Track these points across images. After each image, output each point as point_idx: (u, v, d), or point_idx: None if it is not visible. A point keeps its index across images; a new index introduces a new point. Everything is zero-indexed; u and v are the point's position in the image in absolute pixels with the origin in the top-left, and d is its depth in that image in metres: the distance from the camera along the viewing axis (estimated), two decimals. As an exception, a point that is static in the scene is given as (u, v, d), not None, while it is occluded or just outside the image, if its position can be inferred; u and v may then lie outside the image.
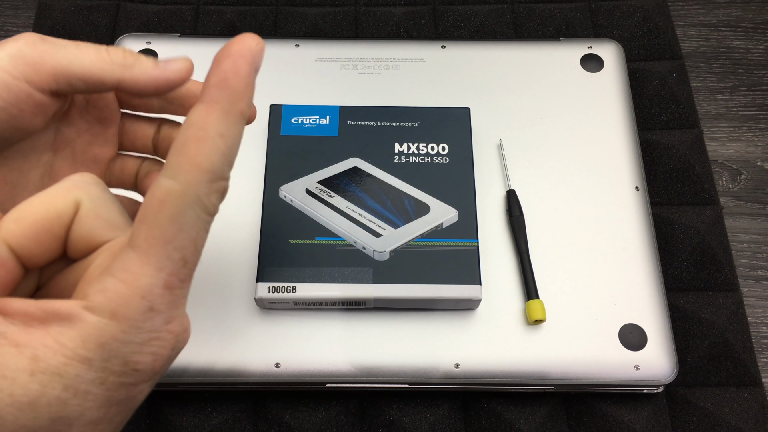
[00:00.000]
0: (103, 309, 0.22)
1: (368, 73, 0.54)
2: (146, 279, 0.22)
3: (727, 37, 0.62)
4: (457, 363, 0.44)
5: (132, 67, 0.30)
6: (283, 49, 0.55)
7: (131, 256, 0.22)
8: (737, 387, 0.47)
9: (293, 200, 0.47)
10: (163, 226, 0.22)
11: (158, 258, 0.22)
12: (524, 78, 0.54)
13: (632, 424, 0.46)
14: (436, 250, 0.45)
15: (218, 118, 0.22)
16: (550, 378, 0.44)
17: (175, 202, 0.22)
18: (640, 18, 0.60)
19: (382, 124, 0.50)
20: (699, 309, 0.49)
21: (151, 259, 0.22)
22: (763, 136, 0.57)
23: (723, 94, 0.59)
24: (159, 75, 0.30)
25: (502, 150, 0.51)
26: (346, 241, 0.45)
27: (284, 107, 0.50)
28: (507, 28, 0.60)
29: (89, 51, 0.29)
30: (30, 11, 0.61)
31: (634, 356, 0.45)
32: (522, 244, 0.48)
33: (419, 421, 0.45)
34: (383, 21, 0.60)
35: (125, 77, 0.29)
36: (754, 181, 0.56)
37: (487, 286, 0.46)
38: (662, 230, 0.52)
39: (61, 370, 0.21)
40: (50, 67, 0.28)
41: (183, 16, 0.60)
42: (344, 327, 0.45)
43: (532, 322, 0.45)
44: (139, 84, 0.30)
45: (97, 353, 0.21)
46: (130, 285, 0.22)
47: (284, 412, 0.46)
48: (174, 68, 0.30)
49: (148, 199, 0.22)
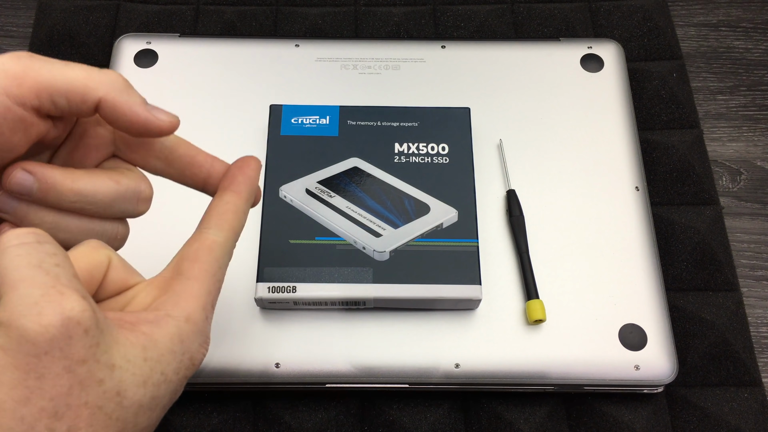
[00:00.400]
0: (180, 315, 0.29)
1: (368, 73, 0.54)
2: (203, 298, 0.30)
3: (727, 37, 0.62)
4: (457, 363, 0.44)
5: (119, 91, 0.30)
6: (283, 49, 0.55)
7: (190, 283, 0.30)
8: (737, 387, 0.47)
9: (293, 200, 0.47)
10: (212, 264, 0.31)
11: (208, 285, 0.31)
12: (524, 78, 0.54)
13: (632, 424, 0.46)
14: (436, 250, 0.45)
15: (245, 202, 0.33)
16: (550, 378, 0.44)
17: (220, 249, 0.32)
18: (640, 18, 0.60)
19: (382, 124, 0.50)
20: (699, 309, 0.49)
21: (204, 285, 0.30)
22: (763, 136, 0.57)
23: (723, 94, 0.59)
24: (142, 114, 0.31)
25: (502, 150, 0.51)
26: (346, 241, 0.45)
27: (284, 107, 0.50)
28: (507, 28, 0.60)
29: (76, 68, 0.30)
30: (30, 11, 0.61)
31: (634, 356, 0.45)
32: (522, 244, 0.48)
33: (419, 421, 0.45)
34: (383, 21, 0.60)
35: (108, 97, 0.30)
36: (754, 181, 0.56)
37: (487, 286, 0.46)
38: (662, 230, 0.52)
39: (161, 359, 0.28)
40: (32, 81, 0.29)
41: (183, 16, 0.60)
42: (344, 327, 0.45)
43: (532, 322, 0.45)
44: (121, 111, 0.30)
45: (179, 347, 0.28)
46: (195, 300, 0.30)
47: (284, 412, 0.46)
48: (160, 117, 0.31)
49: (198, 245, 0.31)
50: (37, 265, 0.25)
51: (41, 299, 0.25)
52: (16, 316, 0.24)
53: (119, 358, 0.26)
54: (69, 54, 0.58)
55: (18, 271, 0.25)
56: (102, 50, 0.58)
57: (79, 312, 0.25)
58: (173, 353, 0.28)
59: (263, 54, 0.55)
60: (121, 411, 0.26)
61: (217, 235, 0.32)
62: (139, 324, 0.28)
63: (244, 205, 0.33)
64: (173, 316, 0.29)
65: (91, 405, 0.25)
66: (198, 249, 0.31)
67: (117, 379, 0.26)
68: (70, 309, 0.25)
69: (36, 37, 0.58)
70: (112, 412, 0.26)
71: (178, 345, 0.28)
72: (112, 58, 0.55)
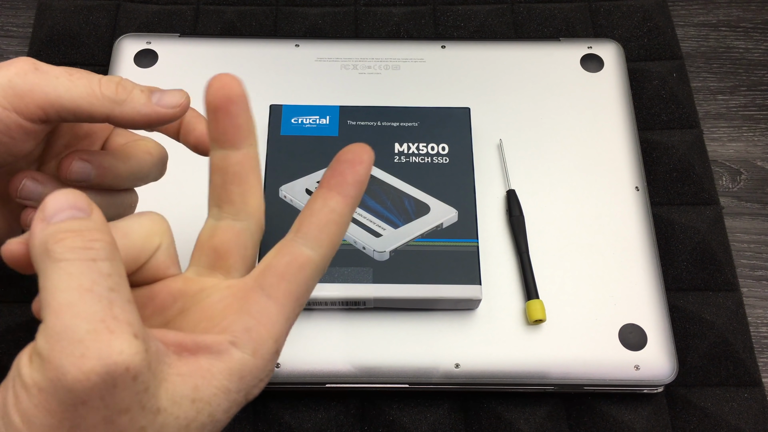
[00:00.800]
0: (247, 346, 0.25)
1: (368, 73, 0.54)
2: (279, 327, 0.25)
3: (727, 37, 0.62)
4: (457, 363, 0.44)
5: (123, 103, 0.30)
6: (283, 49, 0.55)
7: (270, 304, 0.25)
8: (737, 387, 0.47)
9: (293, 200, 0.47)
10: (300, 286, 0.26)
11: (290, 310, 0.26)
12: (524, 78, 0.54)
13: (632, 424, 0.46)
14: (436, 250, 0.45)
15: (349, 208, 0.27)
16: (550, 378, 0.44)
17: (313, 269, 0.26)
18: (640, 18, 0.60)
19: (382, 124, 0.50)
20: (699, 309, 0.49)
21: (285, 310, 0.26)
22: (763, 136, 0.57)
23: (723, 94, 0.59)
24: (150, 112, 0.31)
25: (502, 150, 0.51)
26: (346, 241, 0.45)
27: (284, 107, 0.50)
28: (507, 28, 0.60)
29: (81, 83, 0.30)
30: (30, 11, 0.61)
31: (634, 356, 0.45)
32: (522, 244, 0.48)
33: (419, 421, 0.45)
34: (383, 21, 0.60)
35: (115, 113, 0.30)
36: (754, 181, 0.56)
37: (487, 286, 0.46)
38: (662, 230, 0.52)
39: (211, 400, 0.24)
40: (39, 99, 0.29)
41: (183, 16, 0.60)
42: (344, 327, 0.45)
43: (532, 322, 0.45)
44: (129, 120, 0.31)
45: (236, 385, 0.25)
46: (268, 329, 0.25)
47: (284, 412, 0.46)
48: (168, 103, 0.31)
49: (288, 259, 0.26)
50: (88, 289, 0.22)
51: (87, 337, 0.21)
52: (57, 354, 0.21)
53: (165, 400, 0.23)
54: (69, 54, 0.58)
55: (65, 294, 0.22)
56: (102, 50, 0.58)
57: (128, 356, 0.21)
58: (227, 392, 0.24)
59: (263, 54, 0.55)
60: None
61: (313, 251, 0.26)
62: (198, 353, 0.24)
63: (350, 212, 0.27)
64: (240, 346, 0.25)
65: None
66: (289, 264, 0.26)
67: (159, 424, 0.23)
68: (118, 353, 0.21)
69: (36, 37, 0.58)
70: None
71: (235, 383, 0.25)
72: (112, 58, 0.55)
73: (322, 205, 0.26)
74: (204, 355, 0.24)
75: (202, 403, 0.24)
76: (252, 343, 0.25)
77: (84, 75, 0.30)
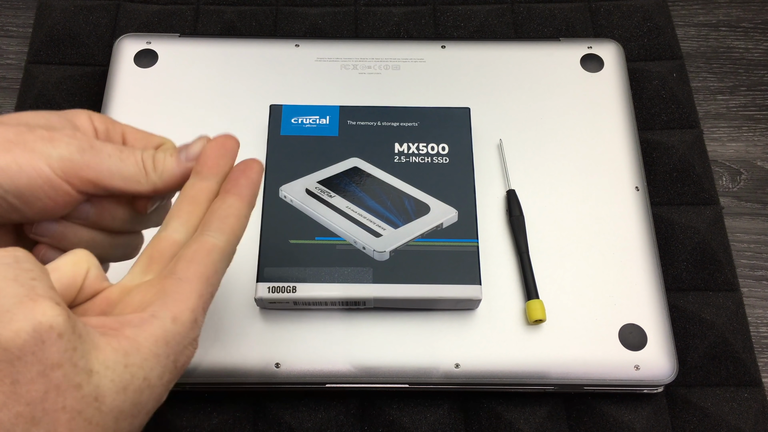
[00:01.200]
0: (165, 316, 0.28)
1: (368, 73, 0.54)
2: (192, 300, 0.29)
3: (727, 37, 0.62)
4: (457, 363, 0.44)
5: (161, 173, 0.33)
6: (283, 49, 0.55)
7: (182, 284, 0.29)
8: (737, 387, 0.47)
9: (293, 200, 0.47)
10: (208, 267, 0.30)
11: (200, 288, 0.30)
12: (524, 78, 0.54)
13: (632, 424, 0.46)
14: (436, 250, 0.45)
15: (248, 206, 0.32)
16: (550, 378, 0.44)
17: (219, 254, 0.31)
18: (640, 18, 0.60)
19: (382, 124, 0.50)
20: (699, 309, 0.49)
21: (196, 287, 0.29)
22: (763, 136, 0.57)
23: (723, 94, 0.59)
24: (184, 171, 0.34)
25: (502, 150, 0.51)
26: (346, 241, 0.45)
27: (284, 107, 0.50)
28: (507, 28, 0.60)
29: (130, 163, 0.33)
30: (30, 11, 0.61)
31: (634, 356, 0.45)
32: (522, 244, 0.48)
33: (419, 421, 0.45)
34: (383, 21, 0.60)
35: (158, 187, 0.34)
36: (754, 181, 0.56)
37: (487, 286, 0.46)
38: (662, 230, 0.52)
39: (143, 364, 0.27)
40: (93, 177, 0.32)
41: (183, 16, 0.60)
42: (344, 327, 0.45)
43: (532, 322, 0.45)
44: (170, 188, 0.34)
45: (163, 350, 0.28)
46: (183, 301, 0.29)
47: (284, 412, 0.46)
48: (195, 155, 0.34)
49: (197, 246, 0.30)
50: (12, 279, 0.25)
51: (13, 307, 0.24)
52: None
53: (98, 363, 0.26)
54: (69, 54, 0.58)
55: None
56: (102, 50, 0.58)
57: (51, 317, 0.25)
58: (157, 357, 0.28)
59: (263, 54, 0.55)
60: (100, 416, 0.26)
61: (217, 239, 0.31)
62: (122, 328, 0.27)
63: (247, 209, 0.32)
64: (159, 316, 0.28)
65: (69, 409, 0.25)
66: (196, 251, 0.30)
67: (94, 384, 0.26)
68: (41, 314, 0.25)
69: (36, 37, 0.58)
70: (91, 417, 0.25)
71: (162, 348, 0.28)
72: (112, 58, 0.55)
73: (221, 203, 0.32)
74: (128, 328, 0.27)
75: (135, 367, 0.27)
76: (169, 313, 0.28)
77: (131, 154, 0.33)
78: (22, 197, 0.31)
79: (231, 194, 0.32)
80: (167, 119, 0.52)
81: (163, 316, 0.28)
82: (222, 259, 0.31)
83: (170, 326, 0.28)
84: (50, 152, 0.31)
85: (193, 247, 0.31)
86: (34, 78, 0.56)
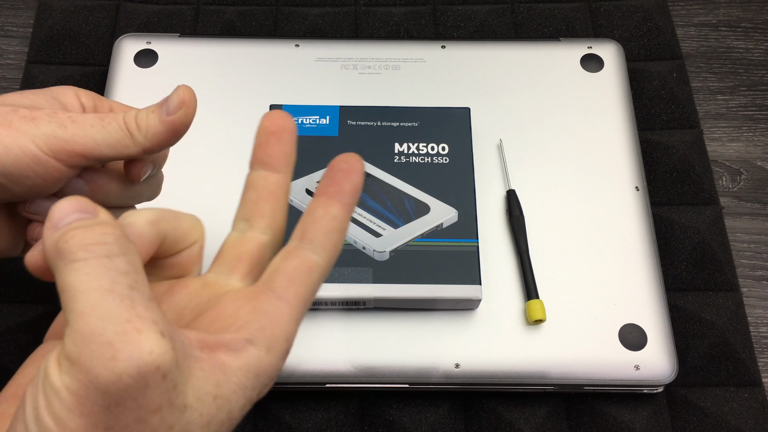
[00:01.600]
0: (262, 343, 0.25)
1: (368, 73, 0.54)
2: (290, 326, 0.26)
3: (727, 37, 0.62)
4: (457, 363, 0.44)
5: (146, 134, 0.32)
6: (283, 49, 0.55)
7: (281, 305, 0.26)
8: (737, 387, 0.47)
9: (293, 200, 0.47)
10: (308, 289, 0.27)
11: (299, 311, 0.27)
12: (524, 78, 0.54)
13: (632, 424, 0.46)
14: (436, 250, 0.45)
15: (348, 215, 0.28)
16: (550, 378, 0.44)
17: (320, 273, 0.27)
18: (640, 18, 0.60)
19: (382, 124, 0.50)
20: (699, 309, 0.49)
21: (295, 311, 0.27)
22: (763, 136, 0.57)
23: (723, 94, 0.59)
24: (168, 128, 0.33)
25: (502, 150, 0.51)
26: (346, 241, 0.45)
27: (284, 107, 0.50)
28: (507, 28, 0.60)
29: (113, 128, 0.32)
30: (30, 11, 0.61)
31: (634, 356, 0.45)
32: (522, 244, 0.48)
33: (419, 421, 0.45)
34: (383, 21, 0.60)
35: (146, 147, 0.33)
36: (754, 181, 0.56)
37: (487, 286, 0.46)
38: (662, 230, 0.52)
39: (231, 397, 0.25)
40: (81, 149, 0.31)
41: (183, 16, 0.60)
42: (344, 327, 0.45)
43: (532, 322, 0.45)
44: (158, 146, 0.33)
45: (252, 382, 0.25)
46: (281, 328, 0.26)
47: (284, 412, 0.46)
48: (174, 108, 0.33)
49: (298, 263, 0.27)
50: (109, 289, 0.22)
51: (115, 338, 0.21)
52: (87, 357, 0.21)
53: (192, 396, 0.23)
54: (69, 54, 0.58)
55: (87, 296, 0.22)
56: (102, 50, 0.58)
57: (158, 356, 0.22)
58: (244, 389, 0.25)
59: (263, 54, 0.55)
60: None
61: (319, 257, 0.27)
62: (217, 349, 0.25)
63: (349, 218, 0.29)
64: (256, 344, 0.25)
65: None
66: (297, 267, 0.27)
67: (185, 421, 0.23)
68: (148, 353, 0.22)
69: (36, 37, 0.58)
70: None
71: (252, 380, 0.25)
72: (112, 58, 0.55)
73: (324, 213, 0.28)
74: (222, 352, 0.25)
75: (223, 400, 0.24)
76: (266, 341, 0.26)
77: (113, 119, 0.33)
78: (11, 176, 0.31)
79: (335, 202, 0.28)
80: (167, 119, 0.52)
81: (260, 344, 0.26)
82: (321, 279, 0.28)
83: (264, 357, 0.26)
84: (34, 131, 0.31)
85: (294, 262, 0.27)
86: (34, 78, 0.56)
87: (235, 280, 0.29)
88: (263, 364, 0.25)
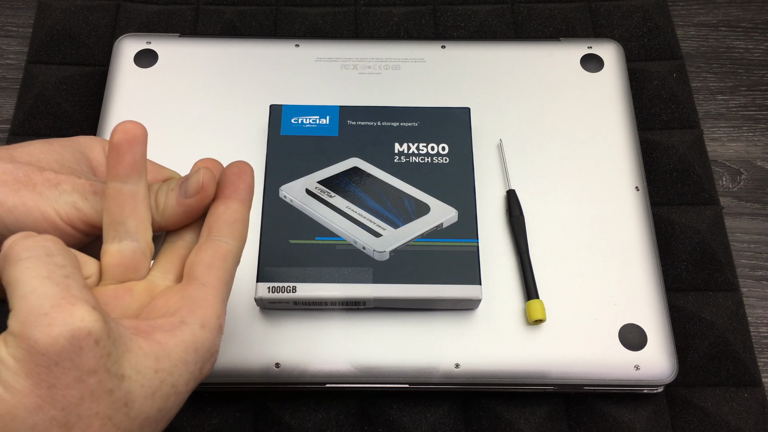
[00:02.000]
0: (195, 322, 0.29)
1: (368, 73, 0.54)
2: (218, 306, 0.30)
3: (727, 37, 0.62)
4: (457, 363, 0.44)
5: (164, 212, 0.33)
6: (283, 49, 0.55)
7: (206, 289, 0.30)
8: (737, 387, 0.47)
9: (293, 200, 0.47)
10: (226, 272, 0.31)
11: (223, 293, 0.31)
12: (524, 78, 0.54)
13: (632, 424, 0.46)
14: (436, 250, 0.45)
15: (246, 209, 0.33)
16: (550, 378, 0.44)
17: (233, 258, 0.31)
18: (640, 18, 0.60)
19: (382, 124, 0.50)
20: (699, 309, 0.49)
21: (219, 293, 0.30)
22: (763, 136, 0.57)
23: (723, 94, 0.59)
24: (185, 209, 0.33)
25: (502, 150, 0.51)
26: (346, 241, 0.45)
27: (284, 107, 0.50)
28: (507, 28, 0.60)
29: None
30: (30, 11, 0.61)
31: (634, 356, 0.45)
32: (522, 244, 0.48)
33: (419, 421, 0.45)
34: (383, 21, 0.60)
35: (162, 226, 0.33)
36: (754, 181, 0.56)
37: (487, 286, 0.46)
38: (662, 230, 0.52)
39: (173, 370, 0.27)
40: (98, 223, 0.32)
41: (183, 16, 0.60)
42: (344, 327, 0.45)
43: (532, 322, 0.45)
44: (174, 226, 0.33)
45: (192, 356, 0.28)
46: (211, 308, 0.29)
47: (284, 412, 0.46)
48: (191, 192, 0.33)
49: (213, 252, 0.31)
50: (46, 277, 0.26)
51: (51, 310, 0.25)
52: (27, 327, 0.24)
53: (129, 368, 0.26)
54: (69, 54, 0.58)
55: (28, 283, 0.25)
56: (102, 50, 0.58)
57: (89, 322, 0.25)
58: (186, 363, 0.28)
59: (263, 54, 0.55)
60: (128, 422, 0.26)
61: (230, 244, 0.31)
62: (153, 332, 0.28)
63: (248, 213, 0.33)
64: (189, 323, 0.29)
65: (101, 415, 0.25)
66: (213, 255, 0.31)
67: (125, 389, 0.26)
68: (80, 319, 0.25)
69: (36, 37, 0.58)
70: (120, 422, 0.26)
71: (191, 354, 0.28)
72: (112, 58, 0.55)
73: (225, 209, 0.32)
74: (158, 333, 0.28)
75: (165, 373, 0.27)
76: (198, 320, 0.29)
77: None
78: None
79: (233, 199, 0.33)
80: (167, 119, 0.52)
81: (192, 322, 0.29)
82: (235, 263, 0.32)
83: (199, 333, 0.29)
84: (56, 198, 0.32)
85: (209, 252, 0.31)
86: (34, 78, 0.56)
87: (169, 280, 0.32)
88: (200, 339, 0.28)
